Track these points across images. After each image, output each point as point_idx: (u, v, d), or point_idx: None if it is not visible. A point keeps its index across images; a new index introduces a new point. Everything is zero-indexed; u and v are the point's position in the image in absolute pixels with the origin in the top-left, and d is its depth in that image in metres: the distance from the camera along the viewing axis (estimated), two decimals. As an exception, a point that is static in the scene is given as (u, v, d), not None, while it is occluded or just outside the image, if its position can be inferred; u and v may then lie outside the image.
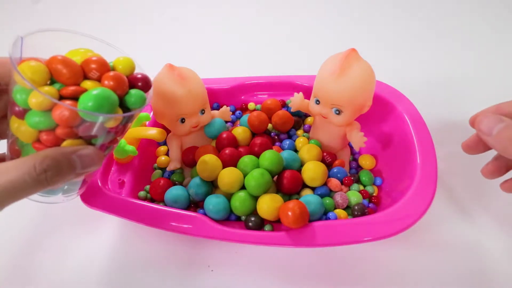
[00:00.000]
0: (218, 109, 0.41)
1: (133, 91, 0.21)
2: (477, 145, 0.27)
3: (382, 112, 0.36)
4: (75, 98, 0.19)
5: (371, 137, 0.37)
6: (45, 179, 0.18)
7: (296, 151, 0.36)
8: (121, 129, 0.22)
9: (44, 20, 0.70)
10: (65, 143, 0.20)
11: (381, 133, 0.37)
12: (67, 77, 0.20)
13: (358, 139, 0.32)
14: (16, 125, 0.20)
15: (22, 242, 0.35)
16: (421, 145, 0.31)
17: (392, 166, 0.34)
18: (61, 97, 0.19)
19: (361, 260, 0.31)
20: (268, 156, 0.31)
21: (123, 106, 0.21)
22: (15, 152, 0.21)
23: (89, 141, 0.20)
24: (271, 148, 0.34)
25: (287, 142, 0.36)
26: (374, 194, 0.33)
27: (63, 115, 0.18)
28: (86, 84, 0.20)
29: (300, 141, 0.37)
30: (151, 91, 0.23)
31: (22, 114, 0.19)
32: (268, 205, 0.28)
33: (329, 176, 0.33)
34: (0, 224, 0.36)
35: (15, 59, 0.18)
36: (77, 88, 0.19)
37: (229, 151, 0.33)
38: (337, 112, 0.31)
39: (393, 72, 0.39)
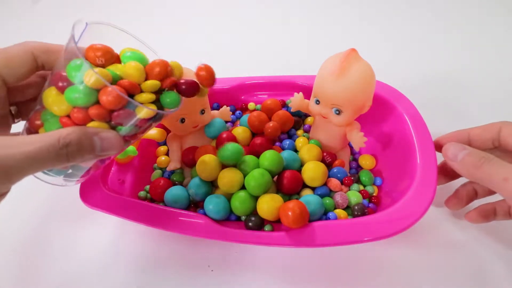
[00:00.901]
0: (218, 109, 0.41)
1: (171, 93, 0.23)
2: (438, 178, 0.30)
3: (382, 112, 0.36)
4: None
5: (371, 137, 0.37)
6: (65, 154, 0.19)
7: (296, 151, 0.36)
8: (147, 126, 0.23)
9: (44, 20, 0.70)
10: (91, 124, 0.20)
11: (381, 133, 0.37)
12: (134, 78, 0.22)
13: (358, 139, 0.31)
14: (51, 98, 0.20)
15: (22, 242, 0.35)
16: (421, 145, 0.31)
17: (392, 166, 0.34)
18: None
19: (361, 260, 0.31)
20: (268, 156, 0.31)
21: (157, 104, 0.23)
22: (35, 126, 0.22)
23: (114, 127, 0.21)
24: (271, 148, 0.34)
25: (287, 142, 0.36)
26: (374, 194, 0.33)
27: (111, 97, 0.19)
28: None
29: (300, 141, 0.37)
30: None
31: (64, 88, 0.20)
32: (268, 205, 0.28)
33: (329, 176, 0.33)
34: (0, 224, 0.36)
35: (74, 38, 0.19)
36: (133, 84, 0.21)
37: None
38: (337, 112, 0.31)
39: (393, 72, 0.39)
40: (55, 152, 0.18)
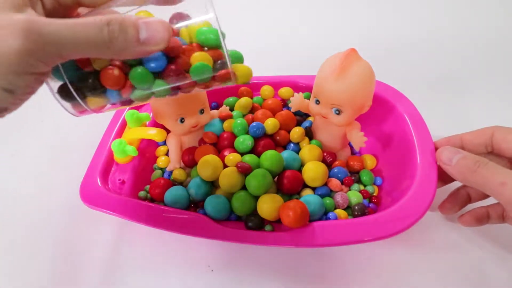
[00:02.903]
0: (217, 109, 0.41)
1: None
2: None
3: (382, 112, 0.36)
4: None
5: (371, 137, 0.37)
6: (107, 32, 0.18)
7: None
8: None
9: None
10: None
11: (381, 133, 0.37)
12: None
13: (358, 138, 0.31)
14: None
15: (22, 243, 0.35)
16: (421, 145, 0.31)
17: (392, 166, 0.34)
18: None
19: (361, 260, 0.31)
20: (269, 156, 0.31)
21: None
22: None
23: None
24: (274, 149, 0.34)
25: (291, 145, 0.36)
26: (374, 194, 0.33)
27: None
28: None
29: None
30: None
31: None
32: (268, 205, 0.28)
33: (329, 176, 0.33)
34: (1, 225, 0.36)
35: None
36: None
37: (228, 153, 0.33)
38: (337, 112, 0.31)
39: (393, 72, 0.39)
40: (96, 27, 0.17)
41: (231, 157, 0.32)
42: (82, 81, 0.21)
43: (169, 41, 0.20)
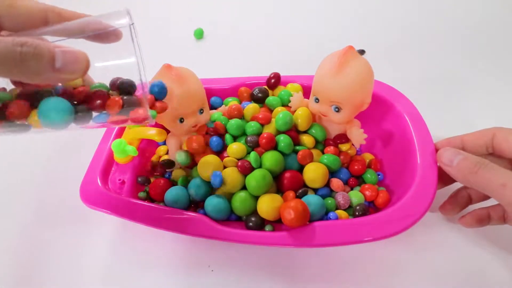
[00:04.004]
0: (216, 109, 0.41)
1: None
2: None
3: (381, 112, 0.36)
4: None
5: (371, 137, 0.37)
6: (19, 52, 0.17)
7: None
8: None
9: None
10: None
11: (381, 133, 0.37)
12: None
13: (358, 135, 0.32)
14: None
15: (22, 243, 0.35)
16: (421, 145, 0.31)
17: (392, 166, 0.34)
18: None
19: (361, 260, 0.31)
20: (270, 157, 0.31)
21: None
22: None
23: None
24: (274, 149, 0.34)
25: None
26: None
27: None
28: None
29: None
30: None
31: None
32: (268, 205, 0.28)
33: (332, 177, 0.33)
34: (1, 225, 0.36)
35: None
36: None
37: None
38: (337, 109, 0.31)
39: (393, 72, 0.39)
40: (8, 46, 0.17)
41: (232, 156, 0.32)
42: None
43: (86, 71, 0.19)
